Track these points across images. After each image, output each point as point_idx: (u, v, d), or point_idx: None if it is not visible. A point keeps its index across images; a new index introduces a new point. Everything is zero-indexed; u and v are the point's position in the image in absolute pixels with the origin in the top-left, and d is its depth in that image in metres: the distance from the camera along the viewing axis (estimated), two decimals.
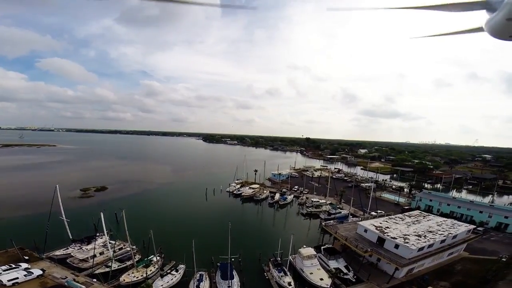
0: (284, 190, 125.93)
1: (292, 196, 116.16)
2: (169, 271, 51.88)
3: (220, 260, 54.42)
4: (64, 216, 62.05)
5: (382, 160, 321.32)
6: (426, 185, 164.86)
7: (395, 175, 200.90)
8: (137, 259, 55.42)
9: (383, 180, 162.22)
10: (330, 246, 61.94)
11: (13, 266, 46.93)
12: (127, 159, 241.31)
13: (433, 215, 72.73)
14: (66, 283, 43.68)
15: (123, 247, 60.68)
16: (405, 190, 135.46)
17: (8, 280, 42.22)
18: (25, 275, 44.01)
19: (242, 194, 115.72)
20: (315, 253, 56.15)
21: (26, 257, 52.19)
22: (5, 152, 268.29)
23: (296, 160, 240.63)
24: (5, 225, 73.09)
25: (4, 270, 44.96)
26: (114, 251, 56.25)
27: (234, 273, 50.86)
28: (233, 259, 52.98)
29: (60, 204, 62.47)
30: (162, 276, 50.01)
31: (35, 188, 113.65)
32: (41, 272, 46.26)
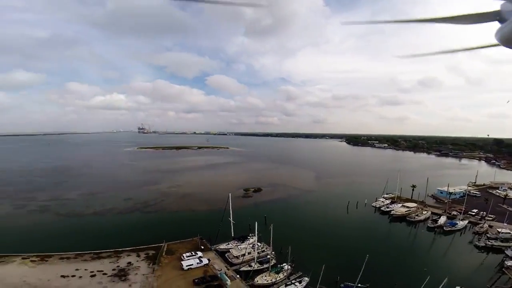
0: (454, 213, 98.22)
1: (466, 222, 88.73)
2: (293, 281, 54.49)
3: (345, 282, 52.15)
4: (231, 218, 75.79)
5: None
6: None
7: None
8: (273, 263, 60.22)
9: None
10: None
11: (193, 253, 62.77)
12: (278, 162, 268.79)
13: None
14: (219, 274, 54.19)
15: (265, 250, 67.51)
16: None
17: (186, 266, 57.26)
18: (197, 263, 58.25)
19: (392, 212, 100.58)
20: None
21: (202, 247, 68.19)
22: (199, 153, 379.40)
23: (478, 172, 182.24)
24: (193, 216, 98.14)
25: (187, 256, 61.17)
26: (258, 253, 63.70)
27: None
28: (359, 285, 49.09)
29: (230, 209, 76.14)
30: (286, 285, 53.25)
31: (214, 186, 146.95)
32: (207, 262, 59.52)
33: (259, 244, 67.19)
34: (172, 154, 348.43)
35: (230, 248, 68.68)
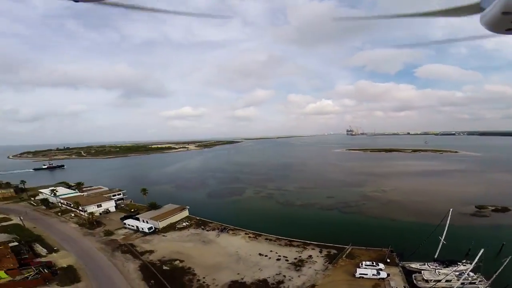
0: None
1: None
2: None
3: None
4: (443, 237, 63.51)
5: None
6: None
7: None
8: None
9: None
10: None
11: (373, 264, 59.90)
12: None
13: None
14: None
15: (477, 284, 53.07)
16: None
17: (359, 274, 55.58)
18: (373, 274, 55.04)
19: None
20: None
21: (388, 260, 62.68)
22: (413, 157, 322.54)
23: None
24: (390, 226, 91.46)
25: (366, 265, 59.38)
26: (463, 284, 51.58)
27: None
28: None
29: (446, 227, 64.55)
30: None
31: (429, 197, 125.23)
32: (385, 276, 54.79)
33: (471, 274, 53.60)
34: (381, 157, 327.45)
35: (424, 270, 58.95)
